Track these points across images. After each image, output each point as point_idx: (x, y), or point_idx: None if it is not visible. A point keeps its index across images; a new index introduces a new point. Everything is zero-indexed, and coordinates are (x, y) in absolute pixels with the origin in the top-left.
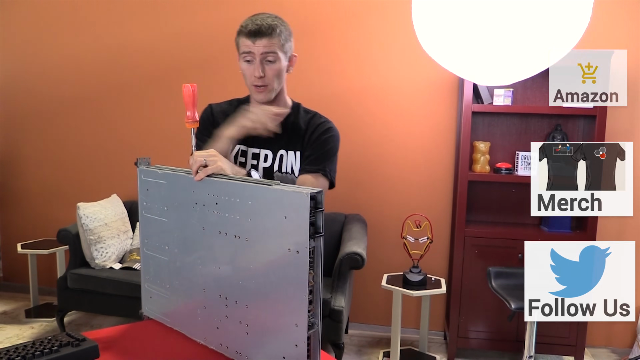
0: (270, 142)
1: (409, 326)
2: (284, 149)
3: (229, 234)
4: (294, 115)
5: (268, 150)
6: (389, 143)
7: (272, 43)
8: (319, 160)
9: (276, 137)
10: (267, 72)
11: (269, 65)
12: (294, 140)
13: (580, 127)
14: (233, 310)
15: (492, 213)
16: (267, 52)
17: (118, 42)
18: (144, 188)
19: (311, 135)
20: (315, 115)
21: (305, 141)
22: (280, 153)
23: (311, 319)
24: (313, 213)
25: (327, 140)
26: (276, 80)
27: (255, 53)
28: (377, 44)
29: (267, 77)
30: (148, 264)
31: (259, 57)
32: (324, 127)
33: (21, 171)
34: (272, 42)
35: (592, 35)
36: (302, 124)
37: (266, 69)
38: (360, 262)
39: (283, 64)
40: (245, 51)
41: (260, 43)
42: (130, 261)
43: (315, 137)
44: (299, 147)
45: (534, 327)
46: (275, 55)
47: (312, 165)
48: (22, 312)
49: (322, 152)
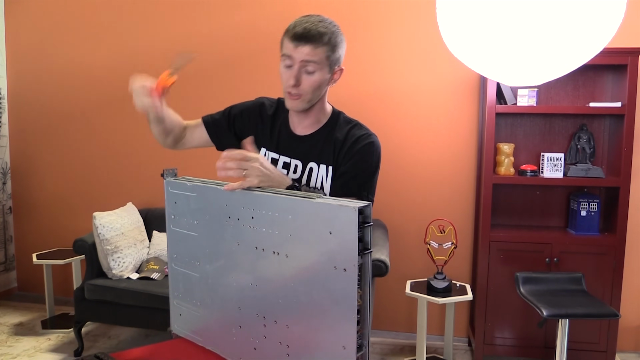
0: (302, 152)
1: (432, 333)
2: (315, 162)
3: (267, 250)
4: (331, 126)
5: (298, 161)
6: (409, 145)
7: (316, 52)
8: (356, 179)
9: (308, 147)
10: (304, 82)
11: (307, 75)
12: (326, 152)
13: (606, 126)
14: (272, 329)
15: (516, 216)
16: (307, 61)
17: (130, 48)
18: (172, 201)
19: (349, 148)
20: (355, 125)
21: (342, 155)
22: (310, 166)
23: (359, 340)
24: (361, 228)
25: (367, 156)
26: (313, 92)
27: (296, 59)
28: (394, 46)
29: (302, 87)
30: (177, 280)
31: (298, 64)
32: (364, 140)
33: (35, 181)
34: (316, 50)
35: (622, 32)
36: (340, 135)
37: (303, 78)
38: (384, 270)
39: (325, 76)
40: (286, 54)
41: (302, 50)
42: (147, 271)
43: (354, 152)
44: (332, 160)
45: (566, 333)
46: (317, 66)
47: (349, 186)
48: (38, 323)
49: (360, 170)
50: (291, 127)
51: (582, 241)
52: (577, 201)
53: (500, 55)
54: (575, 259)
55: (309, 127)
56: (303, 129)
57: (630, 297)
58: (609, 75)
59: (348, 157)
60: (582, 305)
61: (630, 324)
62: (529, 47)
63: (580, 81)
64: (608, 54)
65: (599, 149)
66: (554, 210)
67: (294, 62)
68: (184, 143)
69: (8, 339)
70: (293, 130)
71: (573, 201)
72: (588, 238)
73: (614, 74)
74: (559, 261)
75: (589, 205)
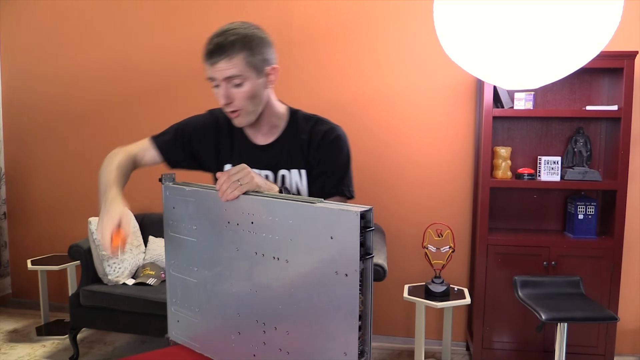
0: (270, 162)
1: (430, 337)
2: (285, 169)
3: (267, 255)
4: (292, 128)
5: (268, 171)
6: (406, 149)
7: (233, 64)
8: (334, 177)
9: (275, 155)
10: (236, 97)
11: (236, 89)
12: (295, 157)
13: (603, 130)
14: (272, 336)
15: (514, 220)
16: (229, 77)
17: (126, 51)
18: (170, 206)
19: (318, 147)
20: (317, 121)
21: (312, 155)
22: (282, 173)
23: (361, 346)
24: (362, 233)
25: (338, 152)
26: (250, 103)
27: (218, 78)
28: (391, 49)
29: (236, 102)
30: (175, 286)
31: (223, 82)
32: (330, 136)
33: (30, 186)
34: (232, 62)
35: (618, 35)
36: (304, 135)
37: (234, 93)
38: (382, 274)
39: (255, 82)
40: (208, 77)
41: (219, 66)
42: (143, 276)
43: (323, 150)
44: (303, 164)
45: (564, 337)
46: (241, 77)
47: (329, 186)
48: (33, 330)
49: (334, 167)
50: (250, 138)
51: (579, 244)
52: (574, 204)
53: (497, 59)
54: (573, 263)
55: (268, 135)
56: (262, 137)
57: (628, 300)
58: (605, 78)
59: (319, 156)
60: (581, 308)
61: (627, 327)
62: (525, 50)
63: (577, 84)
64: (604, 58)
65: (595, 152)
66: (552, 214)
67: (218, 82)
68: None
69: (2, 346)
70: (254, 141)
71: (570, 204)
72: (585, 241)
73: (610, 78)
74: (557, 265)
75: (586, 208)
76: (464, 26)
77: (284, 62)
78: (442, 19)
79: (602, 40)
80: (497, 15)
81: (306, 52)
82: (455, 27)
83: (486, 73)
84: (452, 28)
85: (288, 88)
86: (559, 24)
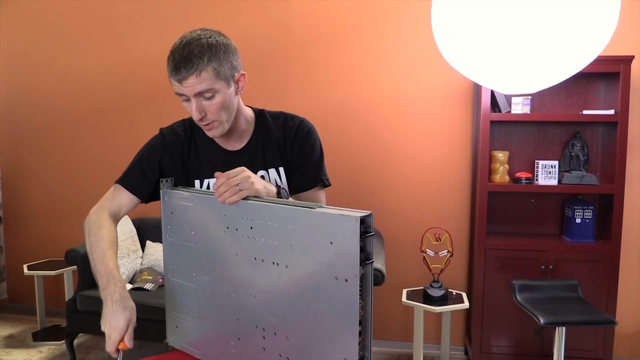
0: (247, 165)
1: (428, 341)
2: (263, 169)
3: (266, 261)
4: (262, 129)
5: (263, 171)
6: (403, 153)
7: (202, 78)
8: (312, 169)
9: (250, 158)
10: (209, 110)
11: (208, 102)
12: (271, 155)
13: (600, 134)
14: (271, 341)
15: (512, 224)
16: (199, 92)
17: (123, 55)
18: (168, 211)
19: (293, 142)
20: (285, 117)
21: (289, 150)
22: (261, 174)
23: (361, 352)
24: (362, 238)
25: (311, 144)
26: (223, 113)
27: (188, 94)
28: (389, 53)
29: (210, 115)
30: (174, 291)
31: (193, 97)
32: (302, 130)
33: (26, 190)
34: (201, 76)
35: (615, 40)
36: (277, 133)
37: (206, 106)
38: (380, 279)
39: (226, 92)
40: (177, 92)
41: (188, 83)
42: (141, 281)
43: (298, 145)
44: (280, 161)
45: (563, 341)
46: (212, 90)
47: (307, 179)
48: (29, 335)
49: (310, 159)
50: (220, 145)
51: (577, 248)
52: (571, 208)
53: (495, 64)
54: (570, 266)
55: (239, 140)
56: (234, 143)
57: (625, 303)
58: (602, 83)
59: (295, 150)
60: (579, 312)
61: (625, 331)
62: (523, 55)
63: (574, 89)
64: (601, 62)
65: (592, 156)
66: (549, 218)
67: (188, 97)
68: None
69: None
70: (225, 148)
71: (568, 208)
72: (583, 245)
73: (606, 82)
74: (555, 268)
75: (583, 212)
76: (462, 31)
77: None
78: (440, 24)
79: (599, 45)
80: (495, 21)
81: (303, 57)
82: (453, 31)
83: (484, 77)
84: (450, 33)
85: (285, 92)
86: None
